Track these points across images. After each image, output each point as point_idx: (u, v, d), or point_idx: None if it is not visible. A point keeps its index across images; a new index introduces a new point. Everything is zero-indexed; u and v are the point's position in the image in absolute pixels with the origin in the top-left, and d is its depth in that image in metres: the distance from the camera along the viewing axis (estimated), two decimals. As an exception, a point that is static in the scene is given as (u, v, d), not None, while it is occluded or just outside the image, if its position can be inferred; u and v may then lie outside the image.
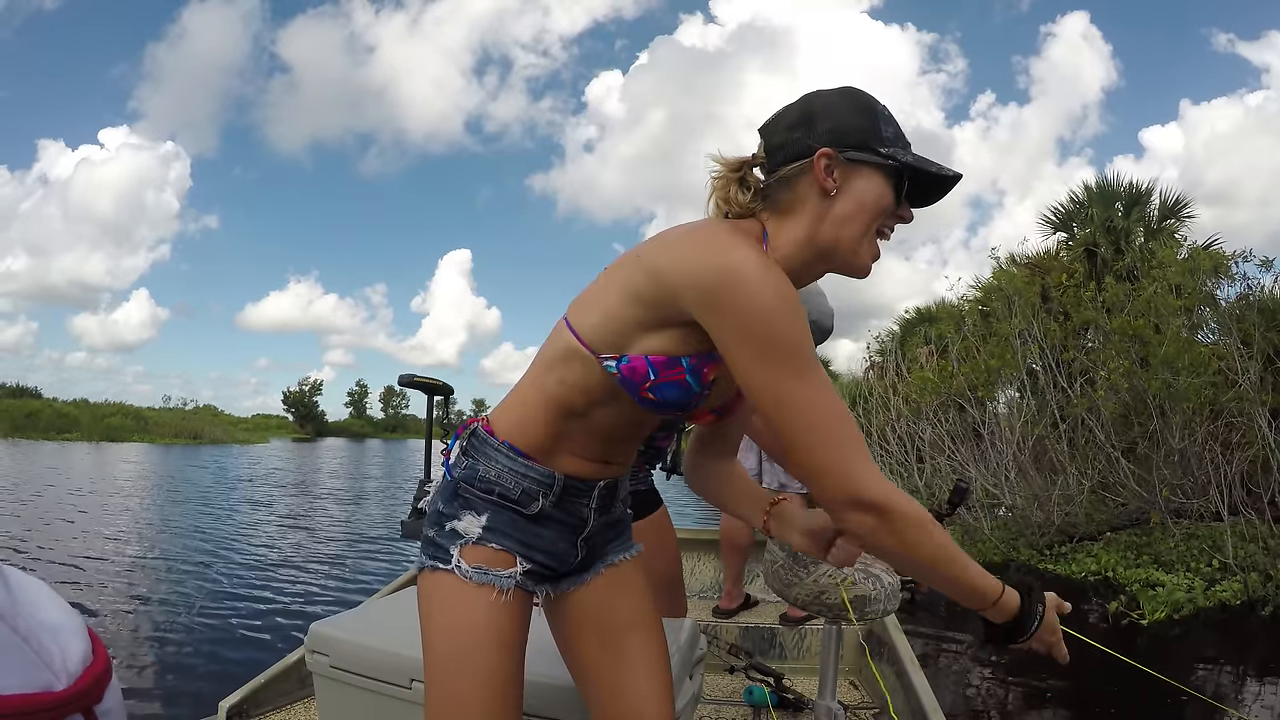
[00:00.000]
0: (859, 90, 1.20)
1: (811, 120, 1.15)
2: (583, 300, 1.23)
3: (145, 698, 4.55)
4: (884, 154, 1.14)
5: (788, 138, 1.16)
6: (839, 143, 1.13)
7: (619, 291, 1.15)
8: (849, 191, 1.14)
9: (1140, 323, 7.54)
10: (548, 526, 1.26)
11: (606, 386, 1.17)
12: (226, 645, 5.66)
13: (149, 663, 5.29)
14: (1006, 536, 8.49)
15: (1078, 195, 13.53)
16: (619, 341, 1.14)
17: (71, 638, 0.51)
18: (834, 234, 1.15)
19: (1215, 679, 5.06)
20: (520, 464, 1.22)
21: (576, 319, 1.20)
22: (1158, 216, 12.88)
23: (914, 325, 16.46)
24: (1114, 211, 12.93)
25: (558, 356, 1.20)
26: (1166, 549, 7.22)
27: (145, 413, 51.93)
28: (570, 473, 1.25)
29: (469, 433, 1.27)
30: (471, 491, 1.23)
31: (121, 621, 6.32)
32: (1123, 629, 5.84)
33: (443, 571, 1.22)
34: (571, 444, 1.24)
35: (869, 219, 1.15)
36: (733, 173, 1.20)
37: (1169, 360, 7.29)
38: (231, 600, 7.02)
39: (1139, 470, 7.91)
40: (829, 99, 1.17)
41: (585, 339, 1.17)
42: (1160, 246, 10.33)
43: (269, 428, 67.32)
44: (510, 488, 1.22)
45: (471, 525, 1.22)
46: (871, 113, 1.16)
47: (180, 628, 6.21)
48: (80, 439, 41.66)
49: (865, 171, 1.14)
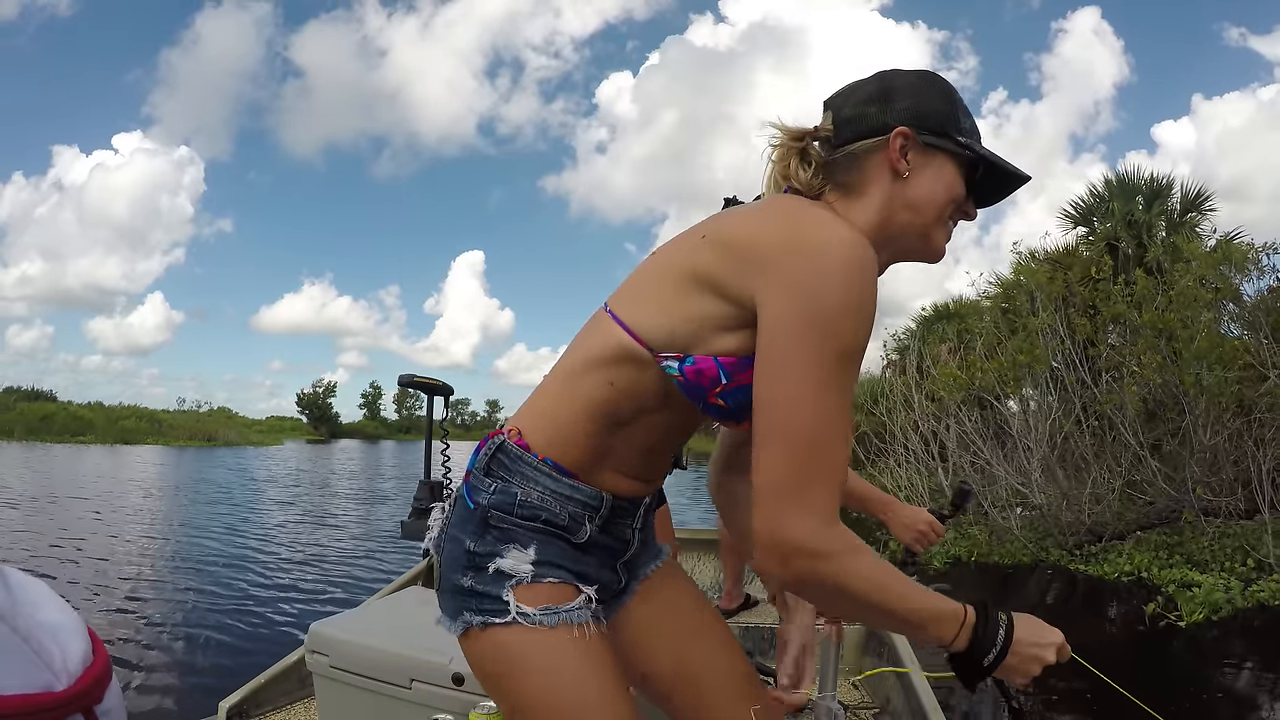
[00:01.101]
0: (939, 75, 1.14)
1: (890, 96, 1.08)
2: (632, 290, 1.10)
3: (145, 698, 4.54)
4: (962, 142, 1.08)
5: (862, 111, 1.08)
6: (918, 124, 1.06)
7: (681, 279, 1.03)
8: (922, 176, 1.07)
9: (1171, 316, 7.40)
10: (593, 554, 1.12)
11: (660, 391, 1.04)
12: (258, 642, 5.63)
13: (149, 663, 5.29)
14: (1034, 536, 8.34)
15: (1097, 189, 13.37)
16: (683, 340, 1.01)
17: (71, 638, 0.51)
18: (908, 219, 1.07)
19: (1273, 684, 4.91)
20: (566, 485, 1.06)
21: (626, 312, 1.06)
22: (1179, 210, 12.72)
23: (933, 322, 16.32)
24: (1135, 205, 12.77)
25: (604, 356, 1.05)
26: (1199, 548, 7.07)
27: (160, 415, 52.24)
28: (615, 490, 1.10)
29: (494, 448, 1.08)
30: (510, 521, 1.05)
31: (123, 621, 6.31)
32: (1161, 631, 5.71)
33: (500, 627, 1.02)
34: (615, 459, 1.09)
35: (943, 205, 1.08)
36: (794, 142, 1.11)
37: (1201, 354, 7.14)
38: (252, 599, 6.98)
39: (1165, 468, 7.77)
40: (909, 79, 1.11)
41: (641, 335, 1.03)
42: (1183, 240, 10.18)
43: (283, 429, 67.47)
44: (557, 513, 1.06)
45: (520, 561, 1.04)
46: (951, 99, 1.10)
47: (186, 626, 6.19)
48: (95, 442, 41.78)
49: (940, 158, 1.08)
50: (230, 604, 7.04)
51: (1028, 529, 8.50)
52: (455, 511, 1.10)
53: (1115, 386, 7.95)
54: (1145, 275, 8.16)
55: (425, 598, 2.36)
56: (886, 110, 1.07)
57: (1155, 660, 5.41)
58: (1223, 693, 4.88)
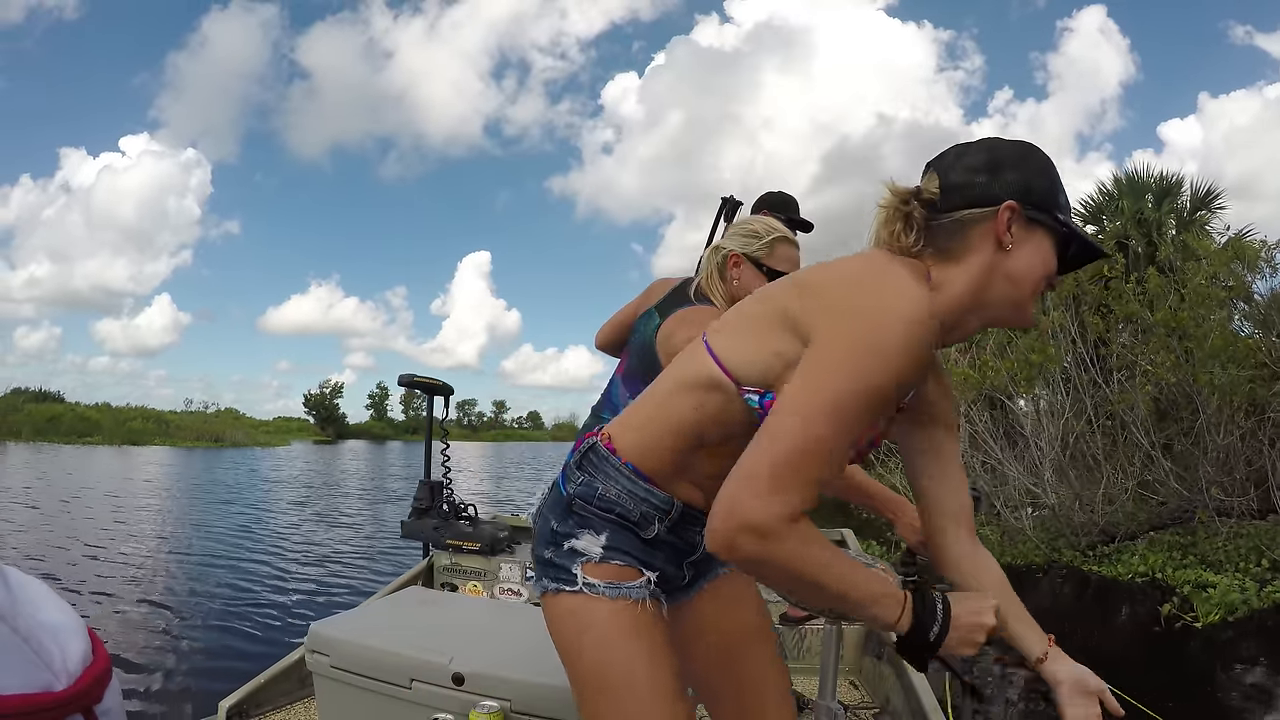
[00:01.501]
0: (1039, 148, 1.18)
1: (998, 168, 1.12)
2: (729, 326, 1.19)
3: (146, 698, 4.55)
4: (1061, 220, 1.13)
5: (970, 180, 1.12)
6: (1024, 198, 1.10)
7: (771, 319, 1.11)
8: (1023, 249, 1.12)
9: (1185, 315, 7.35)
10: (660, 549, 1.23)
11: (744, 420, 1.11)
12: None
13: (150, 663, 5.29)
14: (1046, 537, 8.27)
15: (1106, 187, 13.33)
16: (766, 376, 1.10)
17: (71, 638, 0.52)
18: (1005, 290, 1.13)
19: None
20: (641, 488, 1.19)
21: (720, 345, 1.15)
22: (1189, 208, 12.66)
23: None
24: (1144, 204, 12.72)
25: (696, 382, 1.16)
26: (1213, 549, 7.01)
27: (167, 416, 52.33)
28: (688, 500, 1.20)
29: (588, 447, 1.24)
30: (589, 509, 1.20)
31: (124, 621, 6.32)
32: (1177, 632, 5.64)
33: (569, 594, 1.18)
34: (694, 473, 1.19)
35: (1039, 279, 1.14)
36: (901, 204, 1.15)
37: (1215, 353, 7.09)
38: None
39: (1177, 468, 7.72)
40: (1015, 150, 1.15)
41: (730, 369, 1.12)
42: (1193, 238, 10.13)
43: (290, 430, 67.55)
44: (630, 510, 1.19)
45: (591, 544, 1.19)
46: (1053, 175, 1.15)
47: (186, 626, 6.19)
48: (102, 443, 41.87)
49: (1040, 233, 1.12)
50: (230, 604, 7.04)
51: (1039, 529, 8.43)
52: (550, 495, 1.26)
53: (1128, 385, 7.91)
54: (1158, 273, 8.11)
55: (425, 598, 2.38)
56: (995, 181, 1.11)
57: (1172, 661, 5.37)
58: (1241, 693, 4.84)
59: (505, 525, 3.76)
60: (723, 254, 2.10)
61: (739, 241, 2.10)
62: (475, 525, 3.62)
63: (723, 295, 2.09)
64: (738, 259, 2.08)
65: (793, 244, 2.13)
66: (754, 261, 2.07)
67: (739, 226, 2.18)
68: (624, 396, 2.23)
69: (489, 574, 3.51)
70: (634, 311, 2.34)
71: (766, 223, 2.13)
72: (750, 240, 2.09)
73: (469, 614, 2.21)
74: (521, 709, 1.61)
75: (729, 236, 2.18)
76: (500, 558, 3.53)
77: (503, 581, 3.50)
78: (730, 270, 2.09)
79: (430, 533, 3.62)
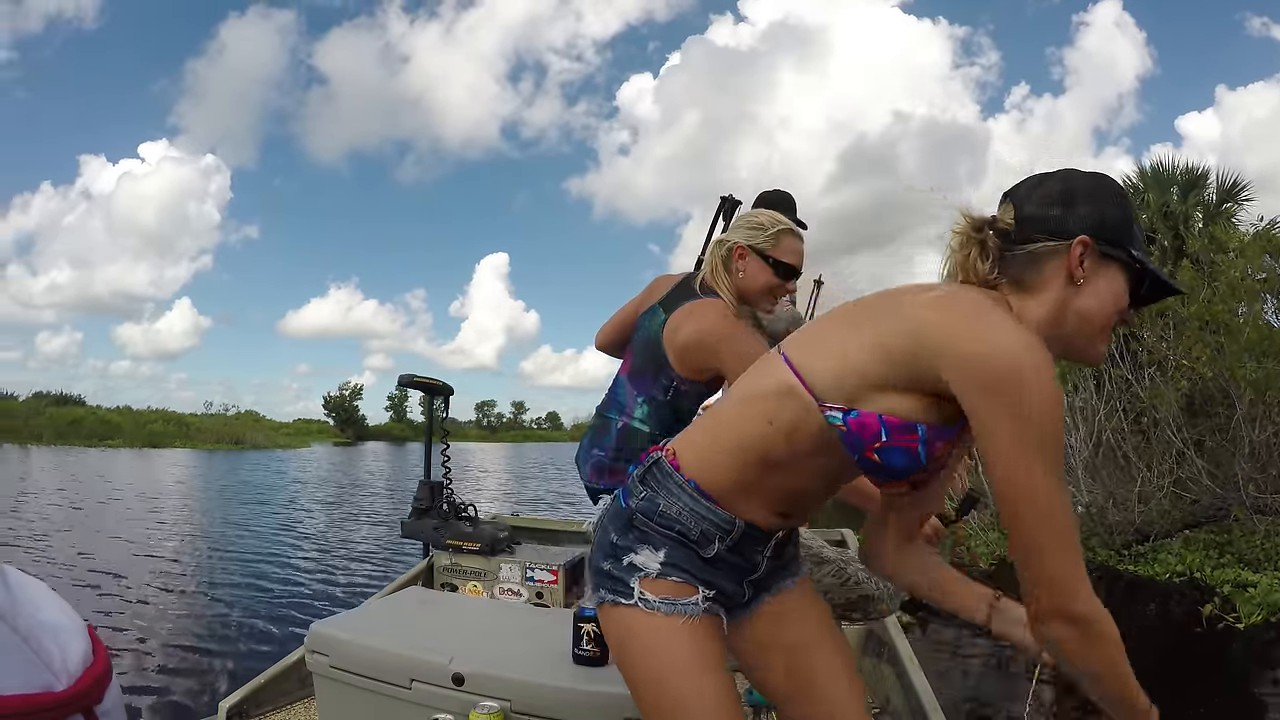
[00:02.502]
0: (1115, 181, 1.17)
1: (1073, 200, 1.12)
2: (808, 338, 1.19)
3: (146, 698, 4.52)
4: (1135, 256, 1.12)
5: (1044, 212, 1.12)
6: (1097, 233, 1.10)
7: (866, 342, 1.10)
8: (1095, 284, 1.11)
9: (1219, 308, 7.22)
10: (719, 568, 1.22)
11: (818, 437, 1.11)
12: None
13: (150, 663, 5.29)
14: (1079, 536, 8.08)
15: (1131, 179, 13.15)
16: (852, 394, 1.09)
17: (71, 638, 0.52)
18: (1077, 326, 1.12)
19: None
20: (703, 506, 1.18)
21: (801, 358, 1.14)
22: (1215, 200, 12.48)
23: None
24: (1170, 196, 12.54)
25: (767, 394, 1.15)
26: (1250, 547, 6.88)
27: (187, 419, 52.66)
28: (750, 519, 1.20)
29: (651, 462, 1.24)
30: (650, 525, 1.20)
31: (124, 621, 6.34)
32: (1219, 633, 5.52)
33: (625, 607, 1.19)
34: (760, 493, 1.19)
35: (1111, 315, 1.13)
36: (975, 233, 1.16)
37: (1251, 346, 6.97)
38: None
39: (1209, 465, 7.60)
40: (1091, 183, 1.14)
41: (810, 382, 1.11)
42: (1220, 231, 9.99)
43: (310, 432, 67.80)
44: (690, 528, 1.18)
45: (649, 560, 1.19)
46: (1127, 209, 1.14)
47: (186, 626, 6.23)
48: (123, 445, 42.21)
49: (1113, 268, 1.12)
50: (232, 604, 7.08)
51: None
52: (612, 507, 1.27)
53: (1159, 381, 7.79)
54: (1191, 266, 8.00)
55: (425, 598, 2.40)
56: (1069, 215, 1.10)
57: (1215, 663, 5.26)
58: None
59: (505, 525, 3.77)
60: (727, 246, 2.10)
61: (744, 234, 2.10)
62: (475, 525, 3.62)
63: (728, 288, 2.09)
64: (743, 251, 2.08)
65: (798, 237, 2.13)
66: (759, 253, 2.07)
67: (744, 219, 2.17)
68: (630, 395, 2.23)
69: (489, 574, 3.51)
70: (635, 310, 2.33)
71: (772, 216, 2.13)
72: (756, 232, 2.08)
73: (469, 614, 2.21)
74: (521, 709, 1.60)
75: (734, 229, 2.18)
76: (500, 558, 3.52)
77: (503, 581, 3.48)
78: (736, 262, 2.09)
79: (430, 533, 3.61)
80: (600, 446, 2.26)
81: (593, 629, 1.67)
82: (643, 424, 2.21)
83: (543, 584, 3.42)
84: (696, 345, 2.10)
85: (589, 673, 1.65)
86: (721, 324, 2.07)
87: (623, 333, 2.37)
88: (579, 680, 1.62)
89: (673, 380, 2.16)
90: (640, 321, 2.26)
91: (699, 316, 2.09)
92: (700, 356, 2.11)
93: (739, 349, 2.05)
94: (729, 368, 2.08)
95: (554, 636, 1.76)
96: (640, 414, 2.22)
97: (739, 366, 2.12)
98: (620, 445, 2.22)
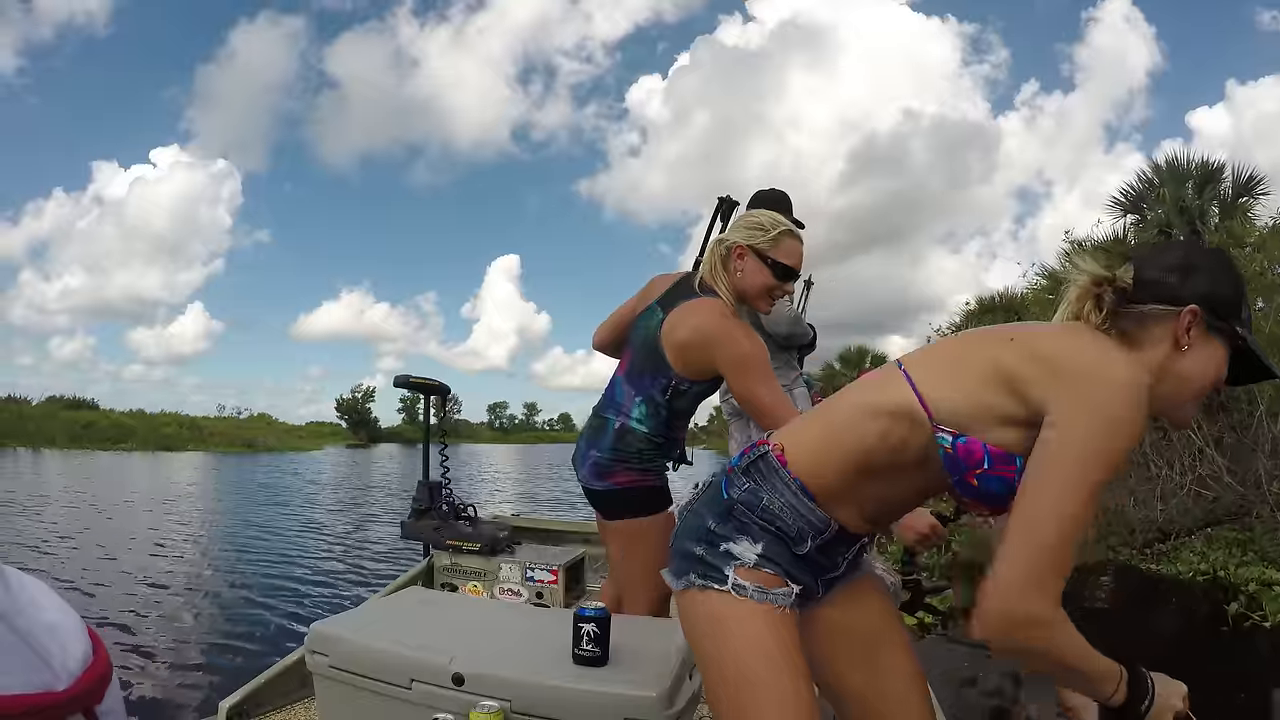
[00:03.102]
0: (1232, 259, 1.24)
1: (1190, 271, 1.17)
2: (928, 360, 1.23)
3: (146, 698, 4.52)
4: (1240, 334, 1.17)
5: (1162, 278, 1.18)
6: (1208, 305, 1.15)
7: (983, 369, 1.15)
8: (1197, 353, 1.16)
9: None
10: (805, 564, 1.25)
11: (920, 456, 1.17)
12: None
13: (150, 663, 5.28)
14: (1099, 535, 8.00)
15: (1147, 174, 13.01)
16: (967, 421, 1.14)
17: (72, 638, 0.52)
18: (1173, 389, 1.17)
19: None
20: (806, 505, 1.21)
21: (921, 377, 1.19)
22: (1231, 195, 12.33)
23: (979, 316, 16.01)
24: (1185, 191, 12.40)
25: (887, 409, 1.18)
26: (1273, 545, 6.75)
27: (200, 422, 52.85)
28: (844, 522, 1.23)
29: (757, 455, 1.25)
30: (750, 517, 1.22)
31: (124, 621, 6.34)
32: (1246, 632, 5.42)
33: (716, 592, 1.21)
34: (856, 500, 1.23)
35: (1207, 385, 1.18)
36: (1095, 287, 1.21)
37: (1272, 341, 6.85)
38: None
39: (1229, 462, 7.48)
40: (1210, 258, 1.20)
41: (929, 403, 1.16)
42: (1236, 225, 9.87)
43: (323, 435, 67.93)
44: (789, 525, 1.21)
45: (747, 550, 1.21)
46: (1240, 288, 1.19)
47: (187, 626, 6.22)
48: (136, 449, 42.41)
49: (1216, 341, 1.17)
50: (231, 604, 7.07)
51: (1092, 527, 8.19)
52: (708, 494, 1.29)
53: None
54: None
55: (425, 598, 2.38)
56: (1184, 284, 1.16)
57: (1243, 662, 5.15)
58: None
59: (505, 525, 3.79)
60: (727, 245, 2.11)
61: (744, 234, 2.10)
62: (475, 525, 3.64)
63: (727, 287, 2.10)
64: (742, 251, 2.09)
65: (798, 238, 2.13)
66: (759, 253, 2.08)
67: (744, 219, 2.17)
68: (628, 395, 2.22)
69: (489, 574, 3.52)
70: (631, 310, 2.33)
71: (773, 217, 2.13)
72: (756, 232, 2.09)
73: (469, 614, 2.19)
74: (521, 709, 1.59)
75: (734, 228, 2.18)
76: (500, 558, 3.53)
77: (503, 581, 3.49)
78: (735, 262, 2.10)
79: (430, 533, 3.63)
80: (597, 447, 2.24)
81: (593, 629, 1.63)
82: (640, 424, 2.20)
83: (543, 584, 3.39)
84: (695, 344, 2.09)
85: (589, 673, 1.61)
86: (720, 323, 2.07)
87: (620, 333, 2.36)
88: (579, 680, 1.58)
89: (671, 380, 2.15)
90: (638, 321, 2.25)
91: (697, 315, 2.10)
92: (699, 355, 2.10)
93: (737, 348, 2.06)
94: (727, 367, 2.08)
95: (554, 636, 1.72)
96: (638, 414, 2.20)
97: (737, 366, 2.10)
98: (617, 446, 2.21)
